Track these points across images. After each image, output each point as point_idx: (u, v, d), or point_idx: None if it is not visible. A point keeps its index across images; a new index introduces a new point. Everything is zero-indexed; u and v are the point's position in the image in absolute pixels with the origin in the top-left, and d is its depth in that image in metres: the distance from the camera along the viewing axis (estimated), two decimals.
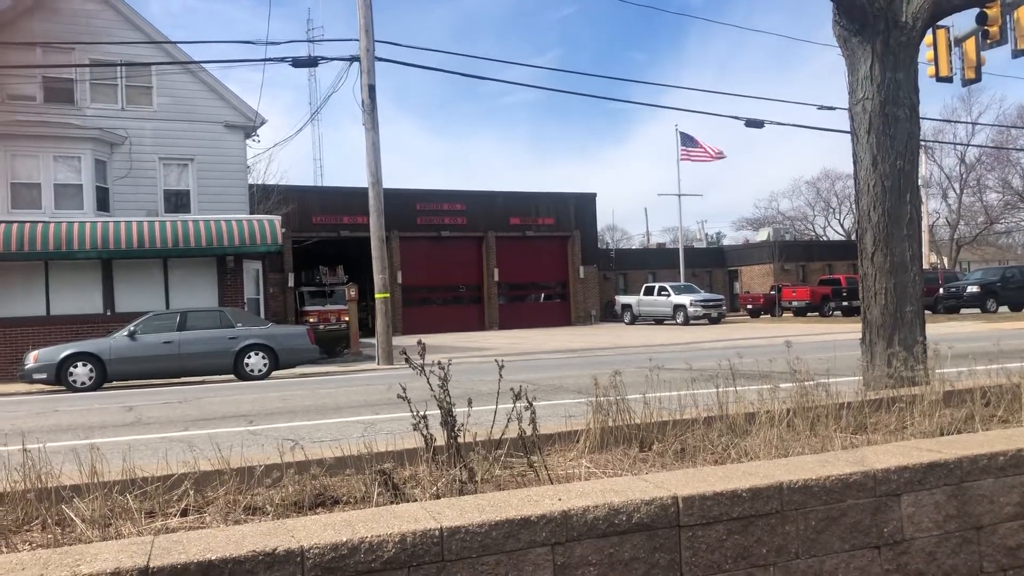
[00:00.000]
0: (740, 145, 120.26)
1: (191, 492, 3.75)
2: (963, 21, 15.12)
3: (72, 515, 3.45)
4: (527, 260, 42.66)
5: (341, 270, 38.48)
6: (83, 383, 16.57)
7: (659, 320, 40.50)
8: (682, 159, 44.82)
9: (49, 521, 3.45)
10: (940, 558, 3.70)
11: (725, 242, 68.74)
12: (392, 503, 3.55)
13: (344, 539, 2.80)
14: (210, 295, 22.99)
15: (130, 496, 3.66)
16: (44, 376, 16.63)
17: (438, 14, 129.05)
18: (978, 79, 15.86)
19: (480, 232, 41.38)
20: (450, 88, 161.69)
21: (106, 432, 8.64)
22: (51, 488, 3.64)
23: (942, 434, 4.71)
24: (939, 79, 15.56)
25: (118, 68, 23.82)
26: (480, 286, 41.87)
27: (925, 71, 15.02)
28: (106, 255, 21.48)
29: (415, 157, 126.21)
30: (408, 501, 3.56)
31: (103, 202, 23.69)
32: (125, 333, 17.35)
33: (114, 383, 17.31)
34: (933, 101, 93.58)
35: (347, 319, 26.62)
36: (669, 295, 39.83)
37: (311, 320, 33.79)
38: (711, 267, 55.35)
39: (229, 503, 3.71)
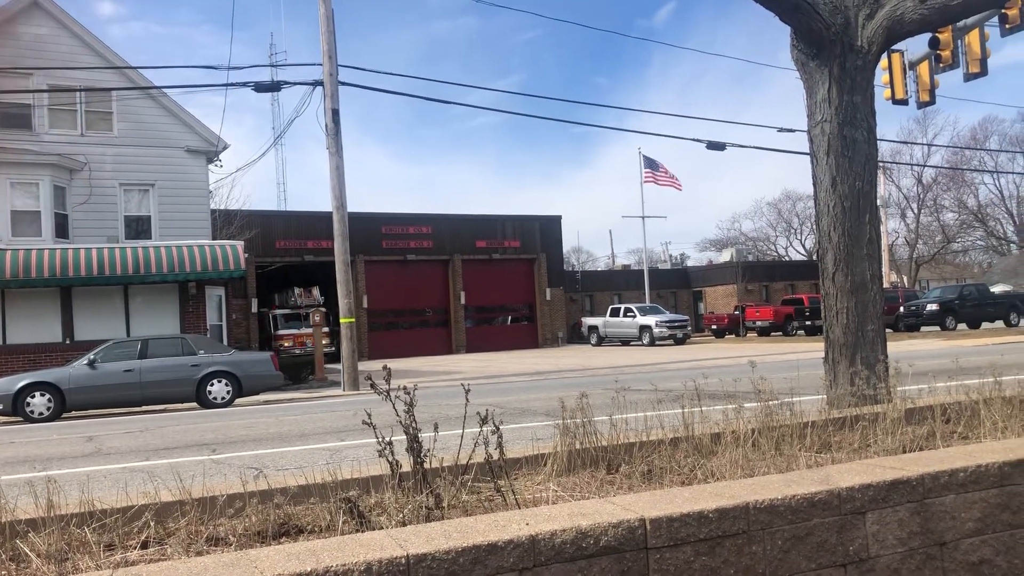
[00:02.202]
0: (702, 167, 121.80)
1: (152, 523, 3.67)
2: (916, 45, 15.47)
3: (27, 550, 3.36)
4: (494, 283, 42.68)
5: (317, 291, 36.63)
6: (41, 413, 16.22)
7: (625, 341, 40.65)
8: (646, 181, 45.21)
9: (3, 557, 3.36)
10: (905, 575, 3.73)
11: (689, 263, 69.36)
12: (358, 531, 3.51)
13: (308, 569, 2.76)
14: (172, 322, 22.69)
15: (88, 529, 3.58)
16: (0, 407, 16.26)
17: (403, 37, 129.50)
18: (932, 102, 16.22)
19: (446, 255, 41.34)
20: (415, 112, 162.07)
21: (65, 463, 8.46)
22: (5, 523, 3.55)
23: (905, 451, 4.76)
24: (895, 102, 15.87)
25: (78, 93, 23.55)
26: (447, 309, 41.77)
27: (881, 94, 15.32)
28: (65, 282, 21.14)
29: (381, 181, 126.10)
30: (374, 529, 3.52)
31: (62, 228, 23.34)
32: (85, 362, 17.03)
33: (74, 413, 16.97)
34: (890, 123, 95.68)
35: (324, 342, 26.28)
36: (635, 316, 40.01)
37: (285, 344, 32.92)
38: (676, 288, 55.74)
39: (191, 534, 3.64)
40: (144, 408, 17.50)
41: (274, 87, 20.94)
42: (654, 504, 3.44)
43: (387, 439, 3.93)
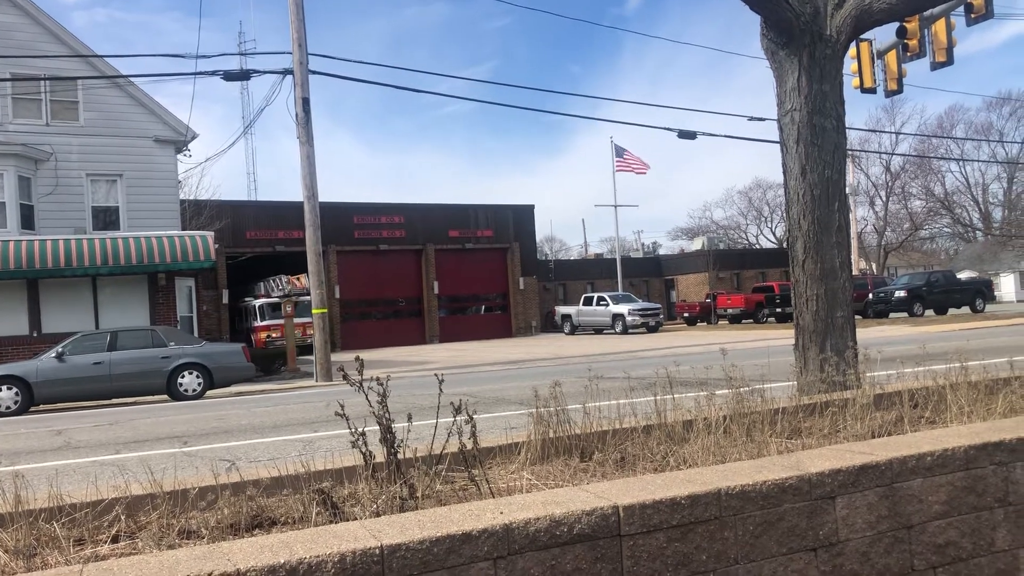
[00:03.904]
0: (674, 156, 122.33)
1: (123, 517, 3.64)
2: (884, 35, 15.64)
3: None
4: (467, 273, 42.62)
5: (306, 278, 34.47)
6: (8, 407, 16.00)
7: (598, 330, 40.80)
8: (618, 169, 45.34)
9: None
10: (873, 558, 3.79)
11: (661, 252, 69.67)
12: (331, 522, 3.50)
13: (282, 560, 2.75)
14: (141, 314, 22.45)
15: (57, 524, 3.54)
16: None
17: (374, 25, 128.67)
18: (900, 90, 16.37)
19: (419, 245, 41.21)
20: (387, 101, 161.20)
21: (33, 457, 8.36)
22: None
23: (873, 436, 4.83)
24: (863, 90, 16.01)
25: (42, 83, 23.16)
26: (420, 299, 41.67)
27: (850, 83, 15.44)
28: (32, 274, 20.82)
29: (352, 171, 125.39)
30: (348, 520, 3.52)
31: (28, 220, 22.97)
32: (53, 355, 16.82)
33: (42, 407, 16.76)
34: (859, 112, 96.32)
35: (311, 332, 25.83)
36: (608, 305, 40.15)
37: (272, 335, 31.32)
38: (648, 276, 56.00)
39: (163, 527, 3.61)
40: (114, 401, 17.31)
41: (243, 76, 20.70)
42: (627, 491, 3.46)
43: (360, 430, 3.92)
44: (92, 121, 24.25)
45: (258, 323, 33.75)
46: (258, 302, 34.69)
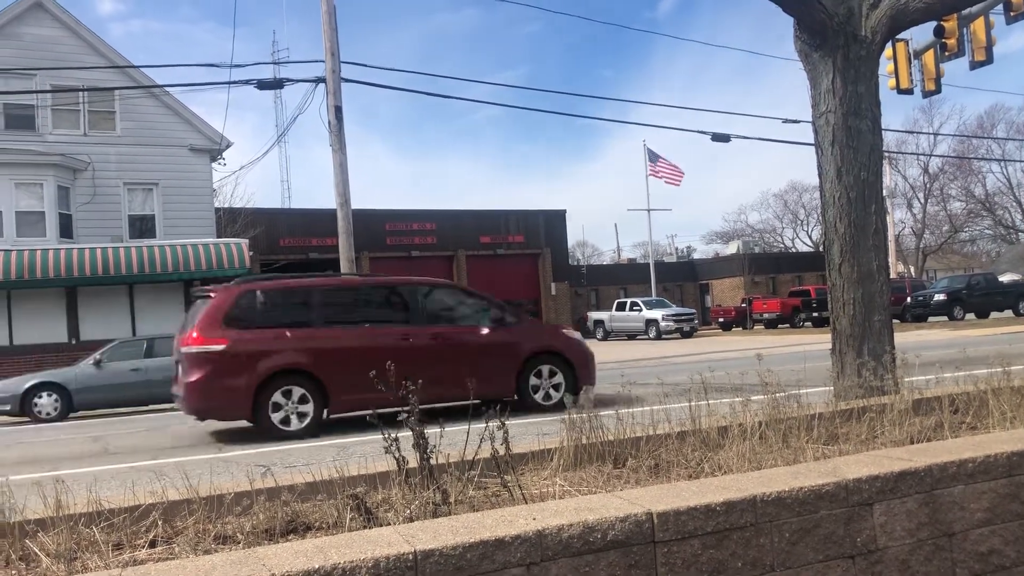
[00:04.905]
0: (707, 159, 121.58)
1: (159, 522, 3.68)
2: (921, 34, 15.40)
3: (36, 550, 3.37)
4: (498, 278, 42.62)
5: None
6: (48, 414, 16.26)
7: (632, 335, 40.61)
8: (650, 174, 45.17)
9: (13, 556, 3.37)
10: (914, 566, 3.72)
11: (695, 256, 69.28)
12: (365, 527, 3.50)
13: (316, 566, 2.76)
14: (177, 321, 22.63)
15: (96, 528, 3.58)
16: (8, 407, 16.29)
17: (405, 32, 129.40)
18: (938, 91, 16.13)
19: (450, 251, 41.32)
20: (418, 107, 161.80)
21: (73, 463, 8.48)
22: (14, 523, 3.55)
23: (912, 442, 4.75)
24: (900, 91, 15.80)
25: (81, 94, 23.59)
26: None
27: (886, 84, 15.26)
28: (70, 283, 21.19)
29: (384, 177, 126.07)
30: (381, 525, 3.52)
31: (66, 229, 23.38)
32: (91, 361, 17.06)
33: (80, 413, 17.01)
34: (896, 113, 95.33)
35: None
36: (641, 310, 39.95)
37: None
38: (682, 281, 55.65)
39: (199, 532, 3.64)
40: (151, 407, 17.53)
41: (277, 84, 20.89)
42: (661, 498, 3.43)
43: (393, 435, 3.93)
44: (129, 131, 24.64)
45: None
46: None
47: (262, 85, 20.07)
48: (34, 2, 23.91)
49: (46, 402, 16.33)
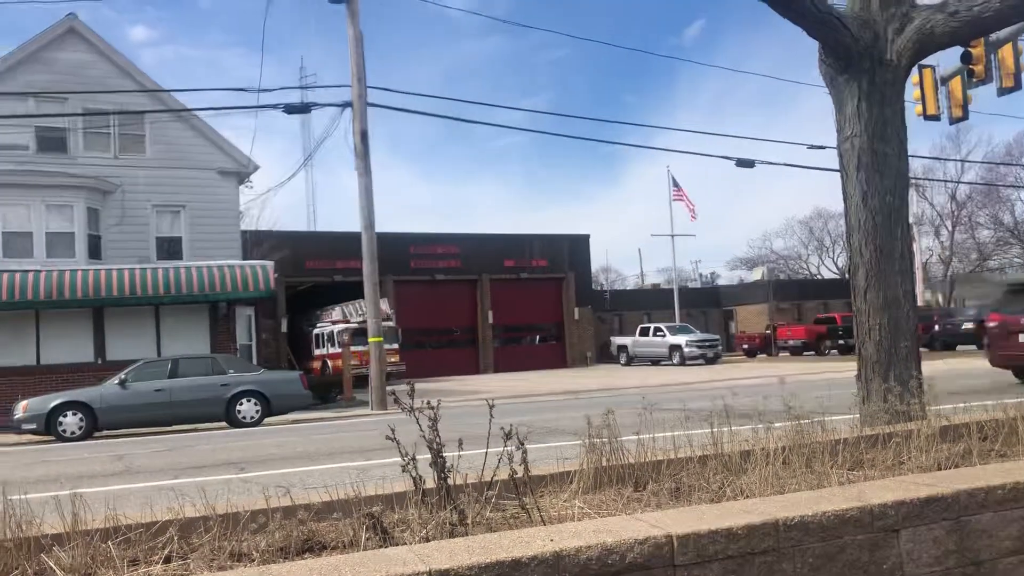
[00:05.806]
0: (732, 185, 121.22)
1: (175, 539, 3.66)
2: (948, 60, 15.33)
3: (52, 564, 3.37)
4: (522, 302, 42.65)
5: (386, 303, 30.45)
6: (73, 432, 16.39)
7: (655, 361, 40.38)
8: (675, 199, 45.13)
9: (28, 571, 3.37)
10: None
11: (720, 282, 69.00)
12: (381, 547, 3.47)
13: None
14: (202, 342, 22.88)
15: (112, 544, 3.57)
16: (34, 426, 16.45)
17: (431, 58, 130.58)
18: (965, 117, 16.02)
19: (474, 275, 41.41)
20: (443, 132, 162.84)
21: (94, 481, 8.52)
22: (31, 537, 3.56)
23: (939, 468, 4.65)
24: (927, 118, 15.70)
25: (111, 117, 23.98)
26: (475, 329, 41.78)
27: (912, 110, 15.17)
28: (98, 303, 21.42)
29: (408, 201, 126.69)
30: (397, 545, 3.49)
31: (95, 250, 23.69)
32: (116, 381, 17.21)
33: (105, 432, 17.13)
34: (923, 139, 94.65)
35: (394, 359, 24.95)
36: (665, 336, 39.75)
37: (354, 363, 25.96)
38: (706, 307, 55.36)
39: (214, 549, 3.62)
40: (174, 428, 17.62)
41: (304, 109, 21.15)
42: (681, 521, 3.38)
43: (411, 455, 3.90)
44: (158, 153, 25.00)
45: (334, 349, 31.56)
46: (337, 328, 32.44)
47: (290, 109, 20.32)
48: (68, 28, 24.40)
49: (71, 421, 16.47)
